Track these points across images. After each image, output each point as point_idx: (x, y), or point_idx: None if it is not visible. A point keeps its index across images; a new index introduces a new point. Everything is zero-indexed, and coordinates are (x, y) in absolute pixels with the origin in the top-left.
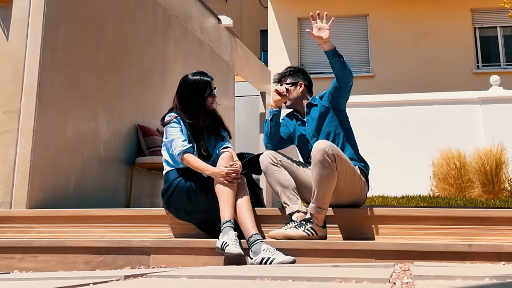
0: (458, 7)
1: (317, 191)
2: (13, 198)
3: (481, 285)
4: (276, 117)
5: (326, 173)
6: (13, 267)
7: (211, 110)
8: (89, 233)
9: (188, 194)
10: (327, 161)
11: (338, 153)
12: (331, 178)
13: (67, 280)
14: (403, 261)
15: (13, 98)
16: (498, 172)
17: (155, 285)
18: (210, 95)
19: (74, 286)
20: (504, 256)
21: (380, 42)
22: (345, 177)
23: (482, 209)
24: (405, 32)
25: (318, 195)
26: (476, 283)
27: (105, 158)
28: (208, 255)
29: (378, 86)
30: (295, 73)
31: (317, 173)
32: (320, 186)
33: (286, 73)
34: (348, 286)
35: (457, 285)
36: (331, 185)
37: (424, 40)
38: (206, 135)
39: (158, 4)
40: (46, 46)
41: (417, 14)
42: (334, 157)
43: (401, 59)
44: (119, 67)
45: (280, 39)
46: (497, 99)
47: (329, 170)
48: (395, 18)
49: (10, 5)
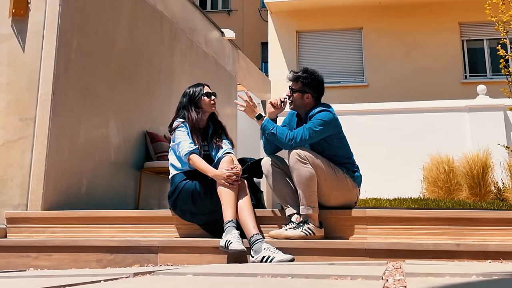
0: (446, 21)
1: (302, 192)
2: (29, 200)
3: (469, 282)
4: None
5: (304, 171)
6: (29, 265)
7: (213, 116)
8: (100, 233)
9: (193, 197)
10: (301, 161)
11: (311, 155)
12: (310, 176)
13: (80, 277)
14: (395, 260)
15: (29, 106)
16: (485, 176)
17: (163, 282)
18: (205, 96)
19: (86, 283)
20: (490, 254)
21: (374, 54)
22: (325, 177)
23: (470, 211)
24: (397, 44)
25: (305, 195)
26: (464, 280)
27: (115, 162)
28: (212, 254)
29: (371, 95)
30: (308, 84)
31: (296, 175)
32: (303, 187)
33: (300, 78)
34: (343, 283)
35: (446, 282)
36: (312, 183)
37: (414, 52)
38: (210, 142)
39: (165, 18)
40: (59, 57)
41: (408, 28)
42: (307, 159)
43: (393, 70)
44: (128, 77)
45: (280, 51)
46: (483, 107)
47: (305, 168)
48: (388, 31)
49: (26, 18)
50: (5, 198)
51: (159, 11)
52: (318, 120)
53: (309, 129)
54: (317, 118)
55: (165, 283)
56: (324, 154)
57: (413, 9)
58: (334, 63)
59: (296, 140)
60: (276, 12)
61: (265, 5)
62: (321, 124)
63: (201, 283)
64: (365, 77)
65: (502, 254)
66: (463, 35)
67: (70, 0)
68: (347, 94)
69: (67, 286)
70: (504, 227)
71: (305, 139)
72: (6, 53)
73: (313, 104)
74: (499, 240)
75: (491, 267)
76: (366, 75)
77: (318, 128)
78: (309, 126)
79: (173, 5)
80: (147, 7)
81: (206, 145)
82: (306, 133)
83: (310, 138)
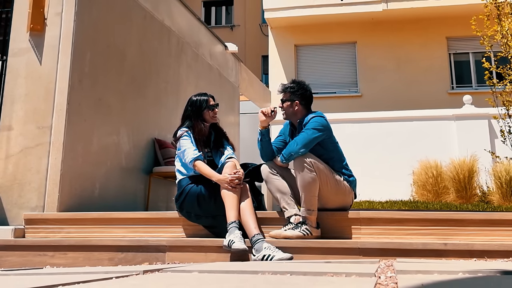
0: (435, 36)
1: (304, 195)
2: (45, 203)
3: (455, 279)
4: (264, 137)
5: (307, 177)
6: (45, 263)
7: (214, 124)
8: (112, 233)
9: (198, 200)
10: (307, 167)
11: (316, 162)
12: (312, 182)
13: (93, 274)
14: (387, 258)
15: (46, 115)
16: (470, 180)
17: (170, 279)
18: (208, 109)
19: (99, 280)
20: (475, 253)
21: (367, 66)
22: (327, 183)
23: (456, 212)
24: (388, 57)
25: (306, 199)
26: (451, 277)
27: (126, 167)
28: (217, 253)
29: (365, 105)
30: (295, 92)
31: (300, 179)
32: (306, 191)
33: (288, 89)
34: (338, 279)
35: (434, 279)
36: (314, 188)
37: (405, 64)
38: (213, 148)
39: (172, 32)
40: (74, 70)
41: (399, 42)
42: (312, 165)
43: (385, 81)
44: (138, 88)
45: (279, 63)
46: (469, 116)
47: (309, 175)
48: (380, 45)
49: (43, 33)
50: (24, 201)
51: (166, 26)
52: (313, 123)
53: (302, 139)
54: (312, 122)
55: (173, 280)
56: (321, 158)
57: (404, 24)
58: (330, 75)
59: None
60: (276, 27)
61: (265, 21)
62: (315, 128)
63: (206, 279)
64: (359, 87)
65: (487, 253)
66: (450, 49)
67: (84, 17)
68: (342, 103)
69: (81, 282)
70: (488, 227)
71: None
72: (25, 66)
73: (304, 112)
74: (483, 240)
75: (476, 265)
76: (360, 86)
77: (313, 132)
78: (303, 135)
79: (180, 21)
80: (155, 23)
81: (209, 151)
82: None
83: (307, 145)
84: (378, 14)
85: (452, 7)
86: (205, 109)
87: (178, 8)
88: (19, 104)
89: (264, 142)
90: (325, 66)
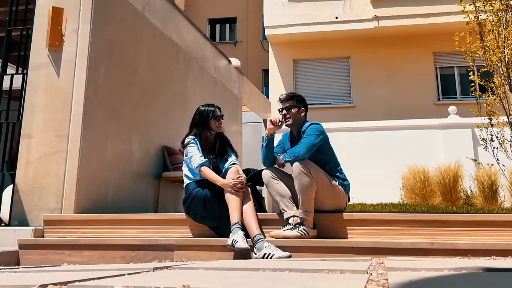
0: (422, 51)
1: (301, 198)
2: (63, 205)
3: (441, 275)
4: (269, 143)
5: (305, 182)
6: (63, 261)
7: (220, 133)
8: (124, 233)
9: (204, 202)
10: (304, 173)
11: (313, 168)
12: (309, 186)
13: (107, 271)
14: (378, 256)
15: (63, 124)
16: (455, 184)
17: (178, 276)
18: (214, 119)
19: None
20: (460, 252)
21: (360, 79)
22: (323, 187)
23: (442, 214)
24: (380, 71)
25: (303, 202)
26: (437, 274)
27: (137, 173)
28: (221, 251)
29: (358, 115)
30: (301, 101)
31: (298, 183)
32: (303, 194)
33: (294, 97)
34: (333, 276)
35: (422, 275)
36: (311, 191)
37: (395, 78)
38: (218, 155)
39: (180, 48)
40: (89, 82)
41: (390, 56)
42: (310, 171)
43: (376, 93)
44: (149, 99)
45: (279, 76)
46: (454, 125)
47: (307, 179)
48: (372, 59)
49: (61, 49)
50: (43, 203)
51: (175, 43)
52: (313, 130)
53: (306, 143)
54: (311, 129)
55: (181, 276)
56: (319, 163)
57: (394, 40)
58: (326, 87)
59: (299, 154)
60: (276, 43)
61: (266, 37)
62: (316, 134)
63: (211, 276)
64: (352, 99)
65: (470, 252)
66: (437, 63)
67: (98, 33)
68: (337, 113)
69: (96, 278)
70: (471, 228)
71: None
72: (44, 79)
73: (304, 120)
74: (467, 240)
75: (461, 262)
76: (353, 97)
77: (315, 138)
78: (307, 140)
79: (187, 37)
80: (164, 39)
81: (214, 157)
82: (305, 146)
83: (311, 148)
84: (370, 31)
85: (438, 24)
86: (211, 118)
87: (185, 25)
88: (38, 114)
89: (268, 148)
90: (321, 79)
